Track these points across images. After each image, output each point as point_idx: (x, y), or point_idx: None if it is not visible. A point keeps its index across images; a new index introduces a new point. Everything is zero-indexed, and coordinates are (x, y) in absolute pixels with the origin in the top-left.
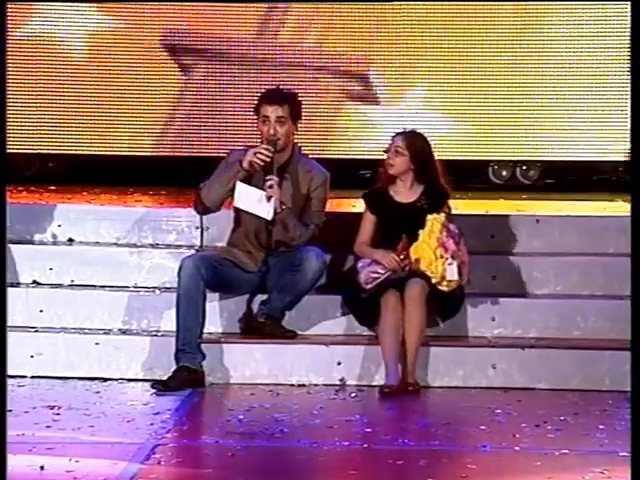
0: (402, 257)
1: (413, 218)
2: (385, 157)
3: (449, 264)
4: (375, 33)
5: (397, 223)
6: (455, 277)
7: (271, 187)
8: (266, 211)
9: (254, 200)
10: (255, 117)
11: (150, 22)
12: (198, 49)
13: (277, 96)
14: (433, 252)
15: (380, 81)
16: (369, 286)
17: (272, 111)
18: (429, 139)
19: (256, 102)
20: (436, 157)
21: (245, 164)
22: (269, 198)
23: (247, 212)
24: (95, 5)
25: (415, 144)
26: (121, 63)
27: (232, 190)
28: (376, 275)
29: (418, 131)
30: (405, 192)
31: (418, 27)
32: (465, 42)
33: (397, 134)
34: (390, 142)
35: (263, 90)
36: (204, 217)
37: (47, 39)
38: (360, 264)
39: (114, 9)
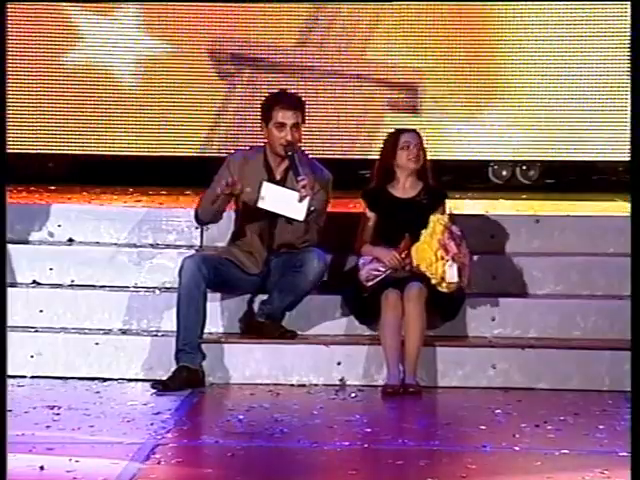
0: (403, 256)
1: (414, 214)
2: (393, 155)
3: (449, 266)
4: (374, 32)
5: (398, 219)
6: (455, 279)
7: (304, 187)
8: (299, 212)
9: (284, 201)
10: (262, 119)
11: (151, 20)
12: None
13: (293, 102)
14: (434, 253)
15: (380, 80)
16: (370, 283)
17: (289, 117)
18: (430, 139)
19: (264, 105)
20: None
21: (225, 192)
22: (302, 198)
23: (275, 214)
24: (89, 5)
25: (423, 142)
26: (120, 62)
27: (221, 209)
28: (377, 273)
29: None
30: (407, 189)
31: (418, 26)
32: (465, 42)
33: (406, 130)
34: (397, 139)
35: (269, 92)
36: None
37: (46, 39)
38: (361, 261)
39: (109, 8)
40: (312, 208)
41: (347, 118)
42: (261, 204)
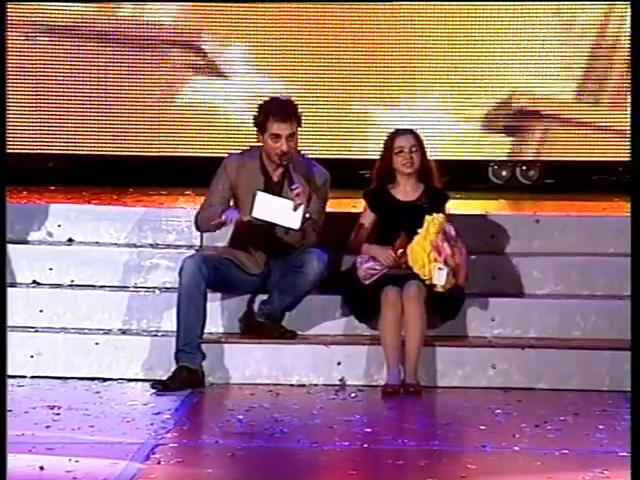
0: (399, 254)
1: (415, 216)
2: (390, 158)
3: (439, 269)
4: (375, 33)
5: (399, 221)
6: (442, 282)
7: (298, 195)
8: (294, 221)
9: (278, 210)
10: (257, 127)
11: (150, 15)
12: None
13: (287, 113)
14: (427, 255)
15: (380, 81)
16: (367, 282)
17: (285, 128)
18: (430, 139)
19: (258, 114)
20: (430, 157)
21: (224, 219)
22: (297, 207)
23: (269, 222)
24: (89, 4)
25: (423, 142)
26: (120, 62)
27: (219, 227)
28: (374, 271)
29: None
30: (408, 191)
31: (418, 27)
32: (465, 42)
33: (401, 133)
34: (392, 142)
35: (267, 99)
36: None
37: (47, 38)
38: (359, 260)
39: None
40: (307, 215)
41: (348, 118)
42: (256, 214)
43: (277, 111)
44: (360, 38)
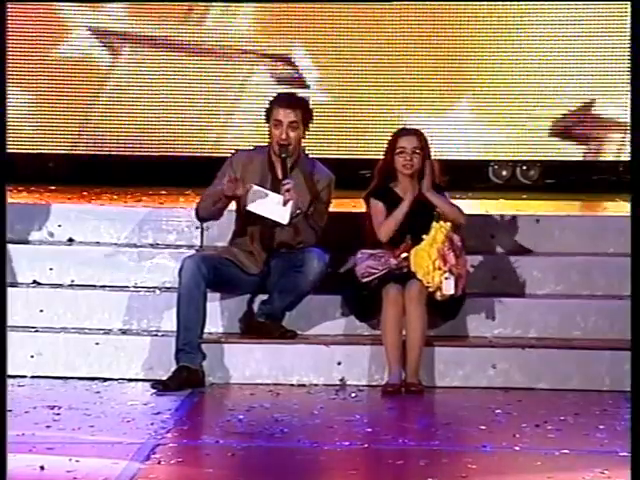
0: (402, 259)
1: (418, 216)
2: (392, 157)
3: (446, 278)
4: (375, 33)
5: (403, 221)
6: (451, 291)
7: (288, 191)
8: (283, 216)
9: (270, 204)
10: (265, 119)
11: (153, 17)
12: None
13: (290, 101)
14: (432, 262)
15: (381, 80)
16: (365, 279)
17: (285, 115)
18: (430, 139)
19: (268, 105)
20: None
21: (227, 192)
22: (286, 202)
23: (261, 216)
24: (89, 5)
25: (427, 142)
26: (121, 62)
27: (222, 210)
28: (373, 270)
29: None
30: (408, 193)
31: (416, 27)
32: (465, 41)
33: (405, 133)
34: (395, 141)
35: (275, 94)
36: None
37: (46, 39)
38: (359, 255)
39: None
40: (298, 211)
41: (348, 118)
42: (249, 207)
43: (281, 98)
44: (362, 38)
